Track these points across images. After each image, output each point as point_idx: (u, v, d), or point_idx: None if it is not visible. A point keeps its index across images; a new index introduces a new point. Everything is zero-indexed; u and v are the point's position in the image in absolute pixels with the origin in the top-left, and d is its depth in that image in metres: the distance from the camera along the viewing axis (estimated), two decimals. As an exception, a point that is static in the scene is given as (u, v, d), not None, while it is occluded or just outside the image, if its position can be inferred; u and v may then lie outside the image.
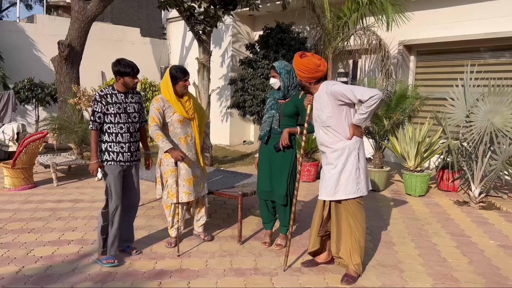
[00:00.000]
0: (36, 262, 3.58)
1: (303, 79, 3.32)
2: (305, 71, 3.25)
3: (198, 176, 3.94)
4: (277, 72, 3.80)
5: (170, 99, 3.73)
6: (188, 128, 3.85)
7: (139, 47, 12.97)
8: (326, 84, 3.30)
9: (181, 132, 3.81)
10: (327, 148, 3.31)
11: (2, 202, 5.45)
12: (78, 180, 6.86)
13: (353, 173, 3.23)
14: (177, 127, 3.79)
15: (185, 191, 3.83)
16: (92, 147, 3.44)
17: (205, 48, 7.92)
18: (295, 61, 3.33)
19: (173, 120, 3.76)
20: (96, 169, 3.45)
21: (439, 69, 8.31)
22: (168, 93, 3.74)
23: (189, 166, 3.84)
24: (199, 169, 3.96)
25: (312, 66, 3.23)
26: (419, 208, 5.57)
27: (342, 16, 7.29)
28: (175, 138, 3.81)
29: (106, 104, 3.44)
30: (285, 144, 3.78)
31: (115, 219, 3.48)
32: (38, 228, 4.45)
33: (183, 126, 3.80)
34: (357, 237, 3.32)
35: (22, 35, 10.94)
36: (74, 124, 8.08)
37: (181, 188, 3.80)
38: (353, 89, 3.12)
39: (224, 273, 3.45)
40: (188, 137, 3.85)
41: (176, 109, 3.73)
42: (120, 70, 3.45)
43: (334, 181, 3.25)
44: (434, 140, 6.26)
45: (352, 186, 3.23)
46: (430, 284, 3.33)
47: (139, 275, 3.38)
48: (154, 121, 3.67)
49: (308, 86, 3.35)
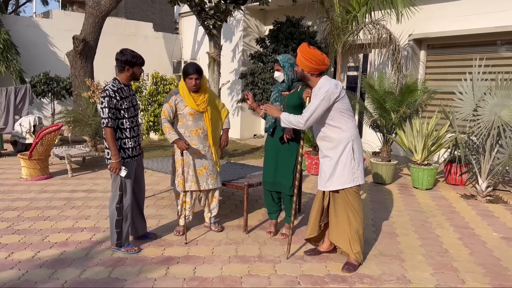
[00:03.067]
0: (50, 248, 3.77)
1: (308, 69, 3.29)
2: (313, 61, 3.25)
3: (210, 169, 4.02)
4: (280, 65, 3.88)
5: (183, 93, 3.87)
6: (200, 121, 3.95)
7: (152, 41, 13.15)
8: (323, 80, 3.32)
9: (192, 124, 3.93)
10: (323, 141, 3.40)
11: (19, 191, 5.67)
12: (92, 172, 7.07)
13: (348, 163, 3.32)
14: (188, 119, 3.91)
15: (194, 181, 3.97)
16: (111, 145, 3.39)
17: (215, 42, 8.02)
18: (303, 49, 3.30)
19: (185, 113, 3.89)
20: (119, 167, 3.43)
21: (449, 63, 8.26)
22: (183, 87, 3.88)
23: (198, 157, 3.97)
24: (211, 162, 4.03)
25: (320, 57, 3.26)
26: (425, 201, 5.61)
27: (351, 10, 7.30)
28: (187, 130, 3.94)
29: (120, 99, 3.44)
30: (289, 136, 3.87)
31: (129, 214, 3.61)
32: (53, 216, 4.65)
33: (194, 119, 3.91)
34: (355, 226, 3.40)
35: (38, 30, 11.21)
36: (88, 117, 8.28)
37: (190, 178, 3.94)
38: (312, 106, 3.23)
39: (229, 260, 3.58)
40: (200, 130, 3.95)
41: (187, 102, 3.86)
42: (129, 60, 3.45)
43: (331, 172, 3.35)
44: (442, 134, 6.27)
45: (348, 176, 3.32)
46: (429, 273, 3.41)
47: (148, 261, 3.53)
48: (164, 114, 3.84)
49: (309, 77, 3.34)
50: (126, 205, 3.57)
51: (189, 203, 4.07)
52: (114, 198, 3.54)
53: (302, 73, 3.36)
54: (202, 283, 3.16)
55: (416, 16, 7.36)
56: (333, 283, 3.20)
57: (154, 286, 3.10)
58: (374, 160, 6.64)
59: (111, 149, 3.42)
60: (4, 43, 9.89)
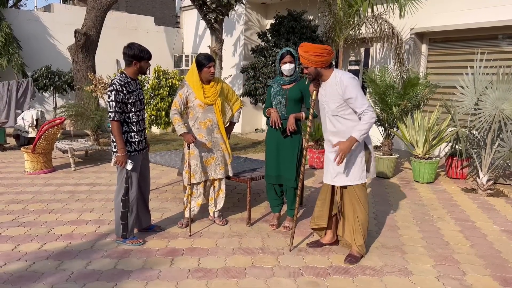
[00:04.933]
0: (56, 240, 3.81)
1: (322, 64, 3.22)
2: (325, 54, 3.18)
3: (218, 159, 4.08)
4: (294, 57, 3.89)
5: (193, 85, 3.90)
6: (210, 113, 3.98)
7: (153, 35, 13.14)
8: (340, 73, 3.26)
9: (201, 116, 3.97)
10: (335, 136, 3.34)
11: (24, 184, 5.72)
12: (95, 165, 7.11)
13: (360, 160, 3.35)
14: (198, 111, 3.96)
15: (204, 172, 4.05)
16: (118, 138, 3.42)
17: (217, 36, 8.03)
18: (310, 48, 3.22)
19: (195, 105, 3.94)
20: (125, 161, 3.47)
21: (450, 57, 8.27)
22: (192, 79, 3.91)
23: (207, 148, 4.02)
24: (219, 152, 4.09)
25: (327, 47, 3.23)
26: (426, 194, 5.65)
27: (353, 4, 7.30)
28: (196, 122, 3.99)
29: (127, 93, 3.47)
30: (292, 130, 3.90)
31: (135, 206, 3.66)
32: (58, 209, 4.69)
33: (204, 111, 3.95)
34: (361, 219, 3.44)
35: (39, 24, 11.19)
36: (90, 111, 8.30)
37: (199, 169, 4.00)
38: (357, 98, 3.14)
39: (233, 252, 3.63)
40: (209, 122, 3.99)
41: (196, 95, 3.90)
42: (136, 54, 3.47)
43: (342, 167, 3.34)
44: (443, 128, 6.30)
45: (358, 172, 3.35)
46: (430, 265, 3.46)
47: (153, 252, 3.58)
48: (175, 105, 3.89)
49: (323, 72, 3.27)
50: (132, 198, 3.61)
51: (195, 194, 4.12)
52: (119, 190, 3.58)
53: (316, 71, 3.28)
54: (206, 274, 3.21)
55: (418, 10, 7.35)
56: (335, 275, 3.24)
57: (159, 277, 3.14)
58: (376, 154, 6.67)
59: (117, 143, 3.45)
60: (5, 36, 9.89)
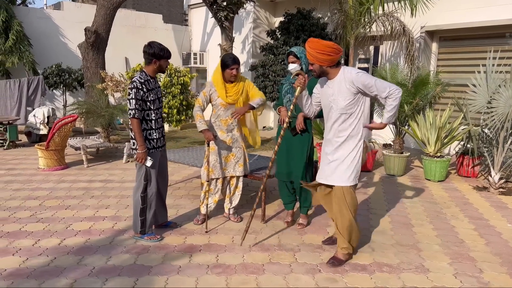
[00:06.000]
0: (75, 236, 3.87)
1: (327, 62, 3.17)
2: (331, 52, 3.14)
3: (237, 156, 4.14)
4: (297, 57, 3.92)
5: (216, 84, 3.97)
6: (231, 112, 4.03)
7: (162, 33, 13.18)
8: (347, 70, 3.21)
9: (223, 114, 4.04)
10: (339, 137, 3.27)
11: (38, 181, 5.78)
12: (107, 162, 7.17)
13: (356, 161, 3.26)
14: (220, 109, 4.03)
15: (223, 168, 4.10)
16: (138, 135, 3.47)
17: (227, 34, 8.07)
18: (317, 45, 3.17)
19: (217, 103, 4.01)
20: (145, 157, 3.52)
21: (461, 55, 8.26)
22: (216, 78, 3.98)
23: (227, 145, 4.08)
24: (239, 150, 4.15)
25: (336, 46, 3.18)
26: (438, 192, 5.66)
27: (364, 2, 7.30)
28: (218, 120, 4.07)
29: (147, 91, 3.52)
30: (301, 128, 3.94)
31: (153, 203, 3.71)
32: (74, 205, 4.75)
33: (226, 109, 4.02)
34: (344, 223, 3.32)
35: (50, 22, 11.27)
36: (101, 108, 8.37)
37: (218, 165, 4.06)
38: (376, 83, 3.09)
39: (250, 249, 3.67)
40: (229, 120, 4.06)
41: (219, 94, 3.97)
42: (156, 53, 3.53)
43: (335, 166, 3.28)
44: (455, 126, 6.30)
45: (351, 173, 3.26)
46: (446, 262, 3.48)
47: (171, 249, 3.62)
48: (198, 103, 3.98)
49: (329, 71, 3.22)
50: (150, 194, 3.66)
51: (213, 190, 4.16)
52: (138, 187, 3.63)
53: (320, 69, 3.23)
54: (225, 270, 3.25)
55: (429, 9, 7.33)
56: (353, 271, 3.27)
57: (179, 272, 3.19)
58: (386, 152, 6.68)
59: (137, 140, 3.50)
60: (16, 34, 9.97)
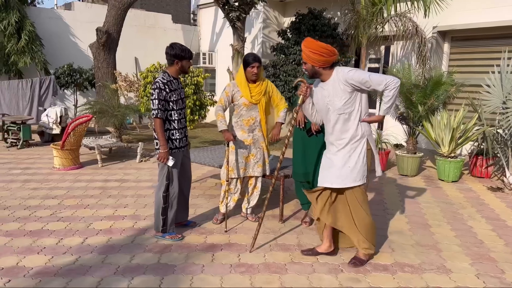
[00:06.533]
0: (97, 234, 3.91)
1: (320, 63, 3.14)
2: (324, 54, 3.10)
3: (257, 157, 4.16)
4: None
5: (240, 84, 4.01)
6: (253, 112, 4.07)
7: (171, 33, 13.23)
8: (339, 69, 3.18)
9: (245, 114, 4.07)
10: (341, 139, 3.23)
11: (55, 180, 5.84)
12: (120, 162, 7.22)
13: (360, 161, 3.22)
14: (242, 109, 4.06)
15: (242, 168, 4.12)
16: (160, 135, 3.51)
17: (239, 35, 8.09)
18: (311, 44, 3.15)
19: (240, 103, 4.04)
20: (167, 157, 3.57)
21: (474, 55, 8.24)
22: (239, 78, 4.03)
23: (247, 145, 4.10)
24: (260, 150, 4.17)
25: (331, 48, 3.14)
26: (453, 193, 5.67)
27: (377, 2, 7.31)
28: (240, 120, 4.10)
29: (169, 92, 3.57)
30: (316, 129, 3.96)
31: (175, 202, 3.74)
32: (93, 205, 4.79)
33: (248, 109, 4.05)
34: (366, 223, 3.32)
35: (61, 22, 11.34)
36: (113, 108, 8.42)
37: (238, 165, 4.09)
38: (371, 77, 3.04)
39: (270, 248, 3.69)
40: (251, 120, 4.08)
41: (242, 93, 4.00)
42: (178, 54, 3.57)
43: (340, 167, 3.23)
44: (470, 127, 6.29)
45: (359, 173, 3.23)
46: (468, 263, 3.49)
47: (193, 248, 3.65)
48: (220, 102, 4.02)
49: (321, 72, 3.20)
50: (172, 194, 3.70)
51: (233, 190, 4.20)
52: (161, 186, 3.66)
53: (313, 70, 3.20)
54: (248, 269, 3.27)
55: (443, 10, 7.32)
56: (375, 272, 3.29)
57: (203, 271, 3.22)
58: (399, 153, 6.69)
59: (159, 140, 3.54)
60: (29, 34, 10.04)
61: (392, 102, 3.10)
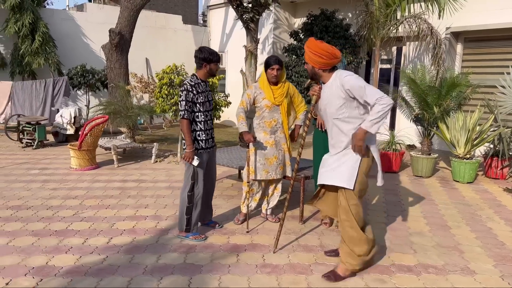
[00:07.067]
0: (121, 234, 3.96)
1: (319, 65, 3.11)
2: (324, 56, 3.07)
3: (279, 159, 4.19)
4: None
5: (262, 86, 4.06)
6: (275, 114, 4.11)
7: (181, 34, 13.30)
8: (339, 73, 3.12)
9: (267, 116, 4.11)
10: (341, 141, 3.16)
11: (73, 180, 5.90)
12: (135, 162, 7.28)
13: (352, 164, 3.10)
14: (264, 111, 4.10)
15: (264, 170, 4.13)
16: (187, 135, 3.61)
17: (252, 36, 8.13)
18: (313, 45, 3.12)
19: (262, 105, 4.09)
20: (192, 157, 3.64)
21: (487, 56, 8.22)
22: (262, 80, 4.09)
23: (270, 147, 4.13)
24: (281, 152, 4.20)
25: (332, 51, 3.09)
26: (469, 194, 5.67)
27: (391, 3, 7.32)
28: (262, 121, 4.14)
29: (197, 94, 3.66)
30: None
31: (199, 202, 3.80)
32: (113, 205, 4.85)
33: (270, 111, 4.09)
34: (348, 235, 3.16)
35: (73, 23, 11.43)
36: (127, 109, 8.49)
37: (260, 167, 4.11)
38: (366, 88, 2.94)
39: (293, 249, 3.72)
40: (273, 122, 4.12)
41: (265, 94, 4.04)
42: (206, 57, 3.66)
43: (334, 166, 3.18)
44: (486, 128, 6.29)
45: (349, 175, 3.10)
46: (491, 264, 3.50)
47: (217, 248, 3.70)
48: (242, 104, 4.06)
49: (321, 74, 3.17)
50: (197, 194, 3.75)
51: (255, 190, 4.23)
52: (186, 186, 3.74)
53: (312, 70, 3.18)
54: (274, 270, 3.31)
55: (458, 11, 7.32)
56: (400, 273, 3.32)
57: (229, 271, 3.26)
58: (414, 154, 6.70)
59: (186, 140, 3.63)
60: (43, 36, 10.14)
61: (379, 118, 2.88)
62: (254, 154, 4.12)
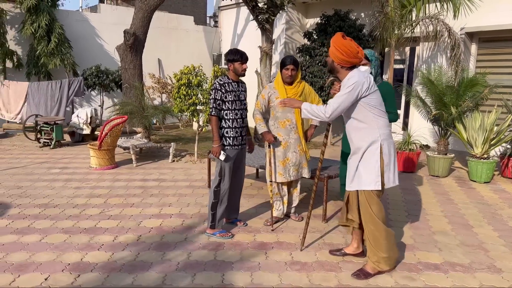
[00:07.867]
0: (149, 232, 4.04)
1: (338, 60, 3.13)
2: (344, 53, 3.08)
3: (292, 160, 4.16)
4: (368, 59, 4.00)
5: (277, 85, 4.11)
6: (289, 114, 4.13)
7: (193, 35, 13.39)
8: (352, 73, 3.15)
9: (281, 116, 4.13)
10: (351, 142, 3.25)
11: (94, 180, 6.00)
12: (153, 162, 7.37)
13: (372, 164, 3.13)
14: (278, 111, 4.13)
15: (279, 172, 4.17)
16: (214, 131, 3.77)
17: (267, 37, 8.19)
18: (337, 40, 3.14)
19: (275, 105, 4.11)
20: (219, 152, 3.75)
21: (502, 56, 8.23)
22: (277, 80, 4.14)
23: (283, 148, 4.16)
24: (295, 154, 4.17)
25: (353, 50, 3.09)
26: (487, 194, 5.70)
27: (406, 4, 7.35)
28: (276, 122, 4.16)
29: (225, 92, 3.78)
30: None
31: (225, 198, 3.88)
32: (137, 203, 4.93)
33: (284, 111, 4.11)
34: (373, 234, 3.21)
35: (87, 24, 11.55)
36: (143, 109, 8.58)
37: (277, 169, 4.15)
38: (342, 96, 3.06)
39: (320, 247, 3.78)
40: (287, 122, 4.14)
41: (279, 94, 4.08)
42: (230, 58, 3.81)
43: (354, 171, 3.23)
44: (504, 128, 6.31)
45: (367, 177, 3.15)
46: (517, 263, 3.55)
47: (245, 246, 3.76)
48: (257, 106, 4.12)
49: (338, 69, 3.19)
50: (223, 190, 3.84)
51: (280, 194, 4.28)
52: (214, 181, 3.87)
53: (332, 65, 3.21)
54: (303, 267, 3.37)
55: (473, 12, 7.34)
56: (427, 270, 3.37)
57: (260, 268, 3.32)
58: (430, 153, 6.73)
59: (213, 135, 3.79)
60: (58, 37, 10.26)
61: (311, 114, 3.26)
62: (273, 156, 4.15)
